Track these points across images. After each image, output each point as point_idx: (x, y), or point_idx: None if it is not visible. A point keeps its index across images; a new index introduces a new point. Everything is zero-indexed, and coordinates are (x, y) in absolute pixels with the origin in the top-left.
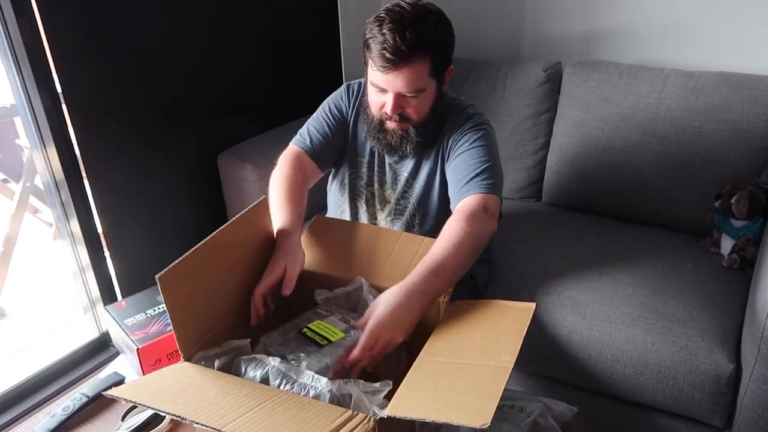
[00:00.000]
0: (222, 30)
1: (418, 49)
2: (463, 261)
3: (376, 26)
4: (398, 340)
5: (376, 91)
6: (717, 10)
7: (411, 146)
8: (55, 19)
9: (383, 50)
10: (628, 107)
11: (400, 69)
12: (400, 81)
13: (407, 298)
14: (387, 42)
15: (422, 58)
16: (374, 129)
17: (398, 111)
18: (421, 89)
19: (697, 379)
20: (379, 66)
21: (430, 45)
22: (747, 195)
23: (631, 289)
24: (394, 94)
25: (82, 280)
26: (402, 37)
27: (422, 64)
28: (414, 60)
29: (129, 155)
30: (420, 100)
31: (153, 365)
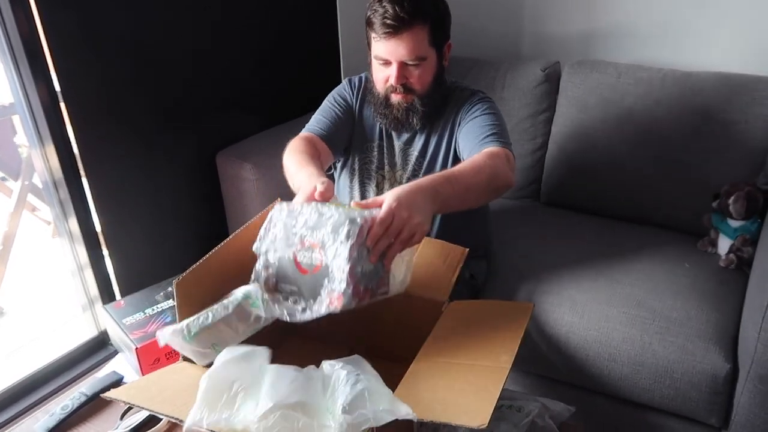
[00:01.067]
0: (221, 29)
1: (416, 16)
2: (478, 183)
3: (376, 2)
4: (415, 221)
5: (380, 65)
6: (716, 11)
7: (417, 117)
8: (54, 16)
9: (384, 19)
10: (626, 107)
11: (401, 35)
12: (401, 48)
13: (419, 188)
14: (387, 11)
15: (421, 24)
16: (380, 106)
17: (402, 81)
18: (422, 57)
19: (694, 379)
20: (381, 34)
21: (428, 14)
22: (744, 195)
23: (629, 289)
24: (398, 63)
25: (81, 279)
26: (401, 5)
27: (422, 31)
28: (413, 26)
29: (127, 153)
30: (422, 69)
31: (151, 365)
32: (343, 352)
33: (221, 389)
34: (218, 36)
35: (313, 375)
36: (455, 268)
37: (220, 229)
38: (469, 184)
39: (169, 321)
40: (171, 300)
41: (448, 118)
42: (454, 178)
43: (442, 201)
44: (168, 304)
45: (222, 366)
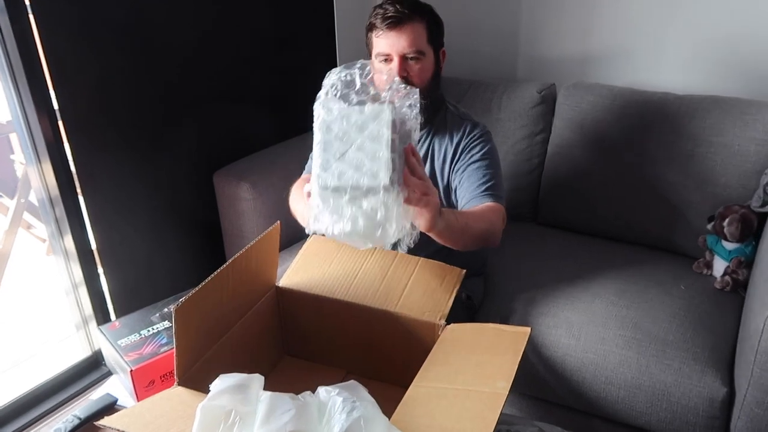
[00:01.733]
0: (219, 49)
1: (414, 12)
2: (475, 230)
3: (375, 8)
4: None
5: (381, 62)
6: (709, 36)
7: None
8: (53, 34)
9: (385, 14)
10: (621, 129)
11: (402, 28)
12: (403, 40)
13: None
14: (387, 9)
15: (419, 20)
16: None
17: (403, 74)
18: (421, 51)
19: (690, 402)
20: (383, 28)
21: (425, 12)
22: (739, 218)
23: (625, 311)
24: (399, 56)
25: (75, 297)
26: (401, 3)
27: (420, 27)
28: (413, 20)
29: (125, 172)
30: (422, 65)
31: (146, 387)
32: (339, 374)
33: (217, 419)
34: (216, 55)
35: (308, 402)
36: (452, 289)
37: (217, 249)
38: (468, 227)
39: (165, 342)
40: (167, 321)
41: (445, 142)
42: (460, 214)
43: (444, 222)
44: (164, 325)
45: (217, 395)
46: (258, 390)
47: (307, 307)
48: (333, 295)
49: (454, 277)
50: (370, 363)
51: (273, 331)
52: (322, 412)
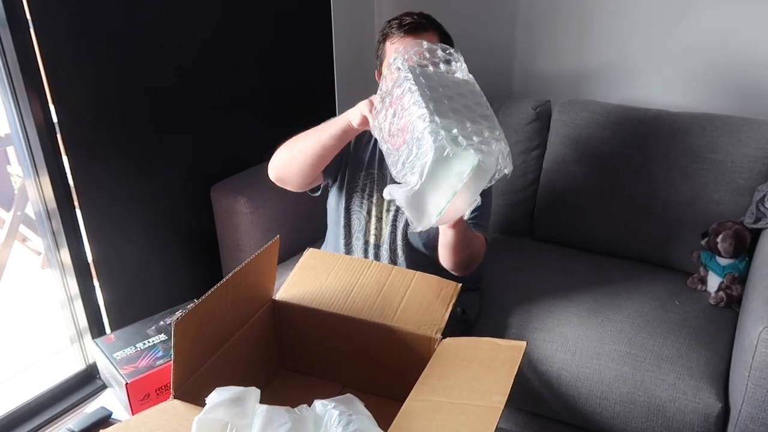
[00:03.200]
0: (217, 62)
1: (430, 23)
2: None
3: (389, 21)
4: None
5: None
6: (704, 54)
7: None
8: (54, 48)
9: (402, 22)
10: (615, 146)
11: (419, 35)
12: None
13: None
14: (404, 19)
15: (434, 31)
16: None
17: None
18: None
19: (686, 418)
20: (399, 34)
21: (439, 26)
22: (732, 234)
23: (620, 326)
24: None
25: (70, 310)
26: (417, 15)
27: (435, 38)
28: (429, 30)
29: (122, 186)
30: None
31: (141, 400)
32: (336, 388)
33: None
34: (214, 70)
35: (305, 416)
36: (448, 303)
37: (214, 263)
38: (461, 242)
39: (160, 356)
40: (163, 334)
41: None
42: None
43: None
44: (160, 338)
45: (213, 408)
46: (254, 403)
47: (303, 320)
48: (329, 309)
49: (450, 290)
50: (367, 377)
51: (269, 345)
52: (318, 426)
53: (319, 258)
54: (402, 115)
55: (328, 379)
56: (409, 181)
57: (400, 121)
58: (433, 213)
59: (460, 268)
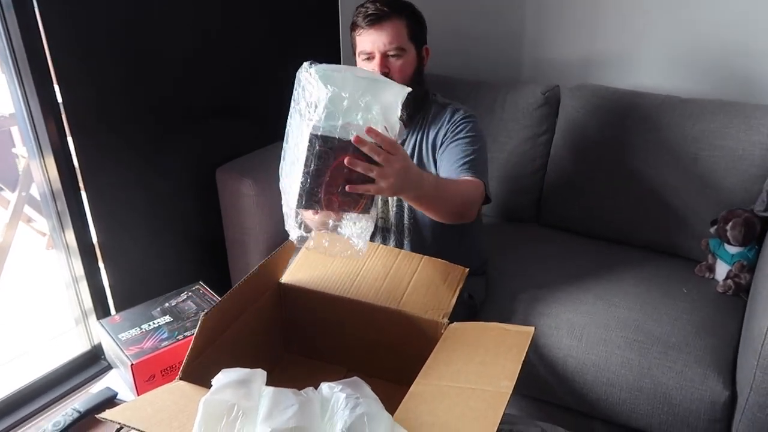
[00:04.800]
0: (222, 44)
1: (395, 10)
2: (453, 201)
3: (358, 8)
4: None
5: (364, 60)
6: (713, 40)
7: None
8: (58, 28)
9: (366, 12)
10: (624, 132)
11: (382, 25)
12: (383, 37)
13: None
14: (368, 8)
15: (398, 17)
16: None
17: (384, 70)
18: (401, 48)
19: (692, 405)
20: (364, 26)
21: (404, 9)
22: (742, 222)
23: (627, 313)
24: (379, 54)
25: (75, 291)
26: (381, 1)
27: (400, 24)
28: (392, 17)
29: (127, 167)
30: (403, 61)
31: (146, 381)
32: (341, 372)
33: (220, 413)
34: (219, 51)
35: (311, 398)
36: (455, 287)
37: (219, 245)
38: (446, 197)
39: (165, 337)
40: (168, 316)
41: (432, 132)
42: (439, 183)
43: (421, 191)
44: (165, 319)
45: (219, 389)
46: (261, 385)
47: (309, 303)
48: (335, 292)
49: (457, 275)
50: (372, 361)
51: (275, 328)
52: (324, 408)
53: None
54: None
55: (333, 363)
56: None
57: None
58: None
59: (452, 219)
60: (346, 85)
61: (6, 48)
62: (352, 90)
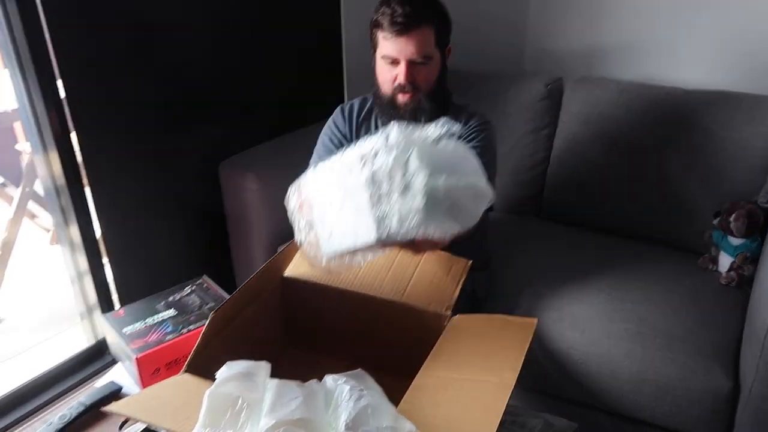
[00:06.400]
0: (225, 40)
1: (425, 16)
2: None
3: (383, 5)
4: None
5: (387, 64)
6: (717, 31)
7: (425, 116)
8: (62, 24)
9: (394, 17)
10: (628, 124)
11: (411, 34)
12: (411, 46)
13: None
14: (396, 11)
15: (428, 24)
16: (387, 107)
17: (411, 79)
18: (429, 56)
19: (695, 396)
20: (391, 32)
21: (434, 15)
22: (745, 213)
23: (630, 305)
24: (406, 62)
25: (80, 287)
26: (410, 5)
27: (429, 31)
28: (422, 25)
29: (130, 162)
30: (429, 68)
31: (151, 374)
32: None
33: (225, 406)
34: (222, 46)
35: (315, 390)
36: (458, 280)
37: (222, 239)
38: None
39: (170, 330)
40: (172, 309)
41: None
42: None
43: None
44: (169, 313)
45: (224, 382)
46: (265, 377)
47: (312, 296)
48: (339, 285)
49: (460, 267)
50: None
51: (278, 321)
52: (329, 400)
53: None
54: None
55: (336, 355)
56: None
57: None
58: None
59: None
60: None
61: (9, 43)
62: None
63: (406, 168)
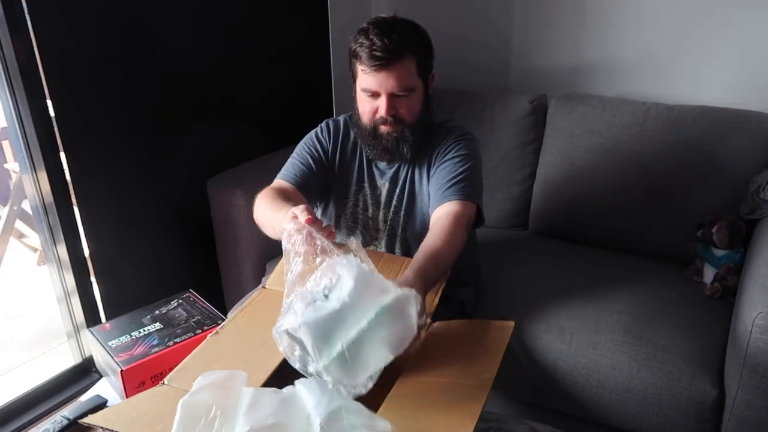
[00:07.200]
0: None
1: (405, 48)
2: (452, 257)
3: (362, 35)
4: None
5: (368, 96)
6: (698, 47)
7: (408, 146)
8: (51, 43)
9: (373, 51)
10: (611, 139)
11: (391, 68)
12: (391, 80)
13: (418, 277)
14: (375, 44)
15: (409, 56)
16: (368, 137)
17: (392, 112)
18: (411, 88)
19: (681, 406)
20: (370, 67)
21: (415, 45)
22: (727, 225)
23: (616, 316)
24: (387, 95)
25: (67, 305)
26: (389, 38)
27: (410, 63)
28: (403, 58)
29: (119, 180)
30: (411, 99)
31: (137, 387)
32: None
33: (199, 414)
34: (211, 65)
35: (289, 395)
36: (438, 288)
37: (210, 256)
38: (446, 261)
39: (155, 343)
40: (158, 323)
41: (428, 155)
42: (438, 259)
43: (429, 283)
44: (155, 326)
45: (198, 390)
46: (241, 386)
47: None
48: None
49: None
50: None
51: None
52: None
53: None
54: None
55: None
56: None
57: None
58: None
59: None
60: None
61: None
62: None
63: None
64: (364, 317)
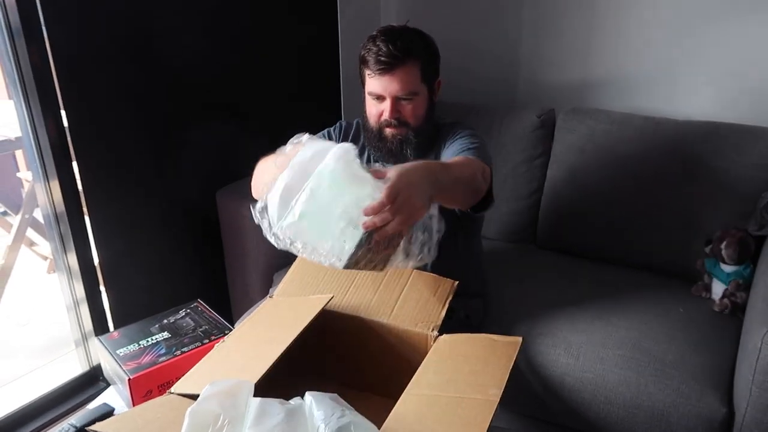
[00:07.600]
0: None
1: (409, 53)
2: (465, 177)
3: (370, 42)
4: (418, 204)
5: (374, 100)
6: (706, 63)
7: (411, 149)
8: (67, 53)
9: (378, 56)
10: (619, 154)
11: (395, 72)
12: (395, 83)
13: (422, 170)
14: (381, 50)
15: (413, 61)
16: (374, 139)
17: (395, 115)
18: (414, 92)
19: (690, 423)
20: (375, 71)
21: (419, 52)
22: (736, 241)
23: (624, 332)
24: (391, 98)
25: (76, 314)
26: (394, 44)
27: (414, 68)
28: (406, 63)
29: (130, 190)
30: (414, 104)
31: (144, 396)
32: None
33: (206, 422)
34: (222, 74)
35: (297, 408)
36: (444, 300)
37: (218, 266)
38: (459, 176)
39: (163, 353)
40: (166, 332)
41: (435, 152)
42: (448, 167)
43: (439, 187)
44: (163, 336)
45: (206, 400)
46: (248, 395)
47: None
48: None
49: (446, 288)
50: (362, 374)
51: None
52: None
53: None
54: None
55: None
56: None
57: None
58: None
59: (470, 198)
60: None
61: (15, 73)
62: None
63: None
64: (310, 178)
